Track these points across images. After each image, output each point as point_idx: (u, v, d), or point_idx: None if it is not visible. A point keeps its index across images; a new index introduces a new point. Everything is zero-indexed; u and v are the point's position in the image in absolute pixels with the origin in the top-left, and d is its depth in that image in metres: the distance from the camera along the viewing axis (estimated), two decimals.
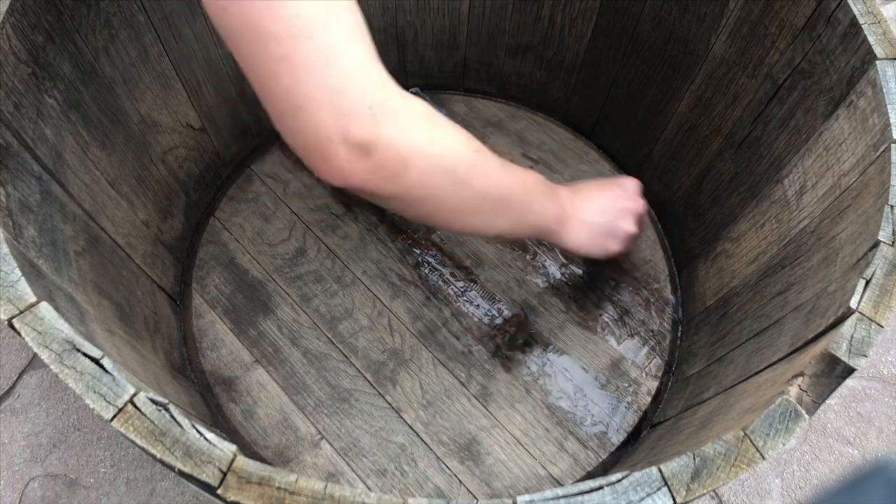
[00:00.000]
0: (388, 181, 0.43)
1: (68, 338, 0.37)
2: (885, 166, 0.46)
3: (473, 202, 0.49)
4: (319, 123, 0.40)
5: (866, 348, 0.39)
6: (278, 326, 0.72)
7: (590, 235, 0.62)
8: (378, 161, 0.42)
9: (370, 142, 0.41)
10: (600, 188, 0.64)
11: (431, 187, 0.46)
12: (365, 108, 0.40)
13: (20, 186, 0.46)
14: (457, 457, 0.66)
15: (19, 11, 0.47)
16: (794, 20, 0.57)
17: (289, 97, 0.40)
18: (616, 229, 0.64)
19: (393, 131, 0.42)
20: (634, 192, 0.67)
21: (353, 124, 0.40)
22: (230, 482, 0.33)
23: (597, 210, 0.62)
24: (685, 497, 0.35)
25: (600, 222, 0.62)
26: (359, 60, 0.41)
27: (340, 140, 0.40)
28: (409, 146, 0.43)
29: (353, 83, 0.40)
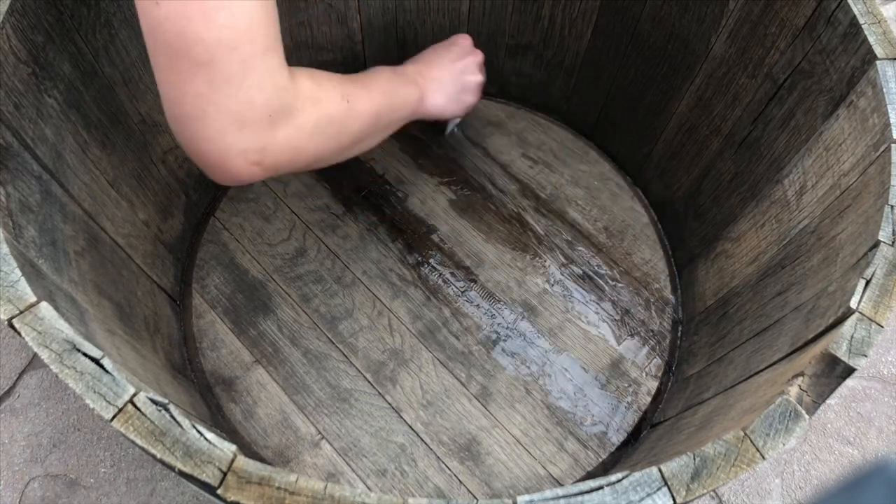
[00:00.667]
0: (280, 170, 0.48)
1: (68, 338, 0.37)
2: (885, 166, 0.46)
3: (353, 139, 0.55)
4: (219, 134, 0.43)
5: (866, 348, 0.39)
6: (278, 326, 0.72)
7: (447, 98, 0.69)
8: (270, 162, 0.46)
9: (264, 148, 0.45)
10: (438, 54, 0.71)
11: (320, 152, 0.51)
12: (265, 117, 0.44)
13: (20, 186, 0.46)
14: (457, 457, 0.66)
15: (19, 11, 0.47)
16: (794, 20, 0.57)
17: (196, 103, 0.42)
18: (467, 83, 0.71)
19: (285, 132, 0.46)
20: (468, 45, 0.73)
21: (252, 135, 0.43)
22: (230, 482, 0.33)
23: (445, 75, 0.69)
24: (685, 497, 0.35)
25: (453, 84, 0.69)
26: (271, 72, 0.43)
27: (238, 151, 0.44)
28: (299, 138, 0.47)
29: (262, 94, 0.43)
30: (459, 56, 0.71)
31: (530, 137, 0.87)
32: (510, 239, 0.79)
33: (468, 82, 0.71)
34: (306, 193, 0.81)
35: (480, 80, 0.72)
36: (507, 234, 0.80)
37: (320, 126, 0.49)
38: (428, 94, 0.66)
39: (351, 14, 0.78)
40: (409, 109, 0.64)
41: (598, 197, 0.83)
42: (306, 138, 0.48)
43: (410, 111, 0.64)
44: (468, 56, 0.72)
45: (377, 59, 0.85)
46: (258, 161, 0.45)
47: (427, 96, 0.66)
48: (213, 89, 0.41)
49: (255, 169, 0.45)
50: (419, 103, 0.65)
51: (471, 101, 0.73)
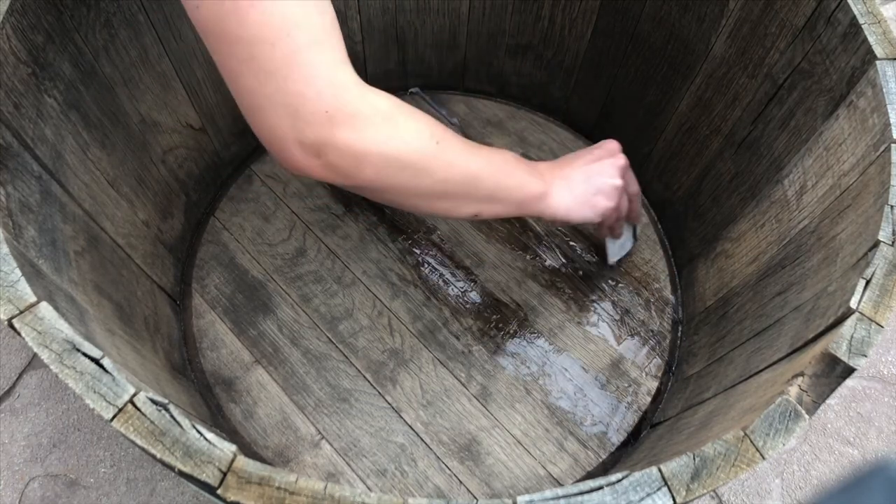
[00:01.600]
0: (344, 177, 0.47)
1: (68, 338, 0.37)
2: (885, 166, 0.46)
3: (437, 189, 0.51)
4: (276, 124, 0.43)
5: (866, 348, 0.39)
6: (278, 326, 0.72)
7: (575, 198, 0.61)
8: (331, 161, 0.45)
9: (323, 144, 0.44)
10: (578, 154, 0.65)
11: (389, 180, 0.49)
12: (321, 113, 0.43)
13: (20, 186, 0.46)
14: (457, 457, 0.66)
15: (19, 11, 0.47)
16: (794, 20, 0.57)
17: (251, 97, 0.43)
18: (600, 185, 0.63)
19: (347, 134, 0.44)
20: (615, 148, 0.67)
21: (308, 128, 0.43)
22: (230, 482, 0.33)
23: (578, 174, 0.62)
24: (685, 497, 0.35)
25: (584, 184, 0.62)
26: (320, 66, 0.43)
27: (294, 142, 0.44)
28: (364, 148, 0.45)
29: (311, 89, 0.43)
30: (598, 158, 0.64)
31: (530, 137, 0.87)
32: (510, 239, 0.79)
33: (603, 184, 0.62)
34: (306, 193, 0.81)
35: (618, 184, 0.64)
36: (507, 234, 0.80)
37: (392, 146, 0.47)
38: (552, 192, 0.59)
39: (351, 14, 0.78)
40: (522, 197, 0.57)
41: None
42: (373, 151, 0.46)
43: (523, 199, 0.58)
44: (608, 158, 0.64)
45: (377, 59, 0.85)
46: (317, 155, 0.45)
47: (551, 193, 0.59)
48: (260, 84, 0.42)
49: (316, 163, 0.45)
50: (539, 198, 0.59)
51: (605, 206, 0.63)
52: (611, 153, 0.65)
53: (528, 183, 0.58)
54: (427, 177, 0.50)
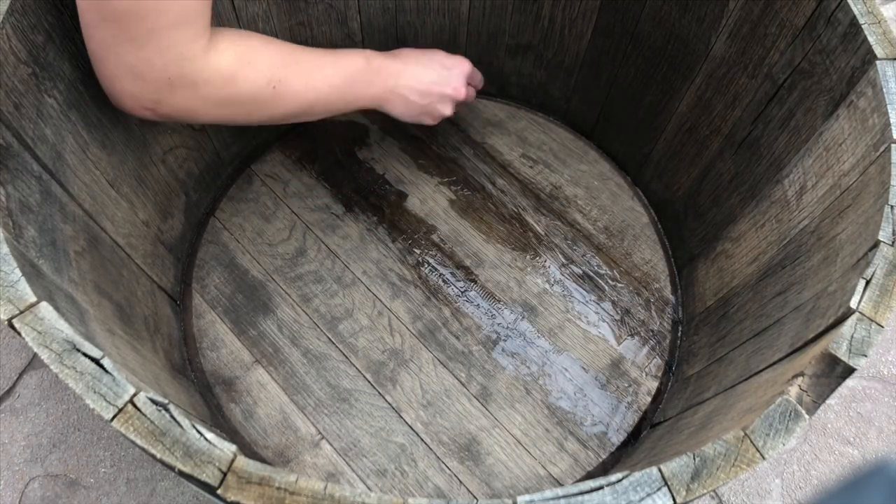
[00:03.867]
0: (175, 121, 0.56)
1: (68, 338, 0.37)
2: (885, 166, 0.46)
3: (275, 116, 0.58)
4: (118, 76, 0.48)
5: (866, 348, 0.39)
6: (278, 326, 0.72)
7: (408, 111, 0.69)
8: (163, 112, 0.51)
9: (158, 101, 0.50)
10: (428, 63, 0.69)
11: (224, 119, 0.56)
12: (163, 79, 0.48)
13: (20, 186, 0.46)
14: (457, 457, 0.66)
15: (19, 11, 0.47)
16: (794, 20, 0.57)
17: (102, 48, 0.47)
18: (433, 110, 0.70)
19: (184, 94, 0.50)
20: (460, 76, 0.71)
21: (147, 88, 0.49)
22: (230, 482, 0.33)
23: (419, 89, 0.68)
24: (685, 497, 0.35)
25: (420, 102, 0.68)
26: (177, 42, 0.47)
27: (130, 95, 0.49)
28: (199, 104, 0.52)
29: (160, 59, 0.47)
30: (444, 82, 0.69)
31: (530, 137, 0.87)
32: (510, 239, 0.79)
33: (435, 110, 0.70)
34: (306, 193, 0.81)
35: (447, 115, 0.72)
36: (507, 234, 0.80)
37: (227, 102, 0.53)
38: (391, 99, 0.67)
39: (351, 14, 0.78)
40: (363, 104, 0.65)
41: (598, 197, 0.83)
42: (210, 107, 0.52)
43: (364, 105, 0.66)
44: (450, 89, 0.70)
45: None
46: (150, 108, 0.50)
47: (389, 100, 0.67)
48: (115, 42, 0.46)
49: (147, 112, 0.51)
50: (379, 102, 0.66)
51: (428, 123, 0.72)
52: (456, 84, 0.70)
53: (368, 92, 0.65)
54: (260, 113, 0.57)
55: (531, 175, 0.84)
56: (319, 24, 0.77)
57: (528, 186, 0.83)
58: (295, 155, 0.84)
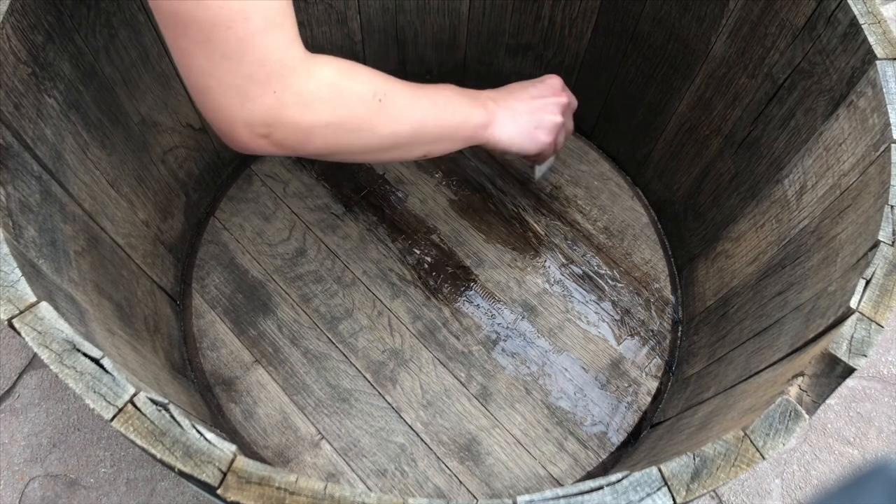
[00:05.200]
0: (293, 151, 0.49)
1: (68, 338, 0.37)
2: (885, 166, 0.46)
3: (385, 143, 0.54)
4: (225, 105, 0.45)
5: (866, 348, 0.39)
6: (278, 326, 0.72)
7: (518, 130, 0.64)
8: (279, 139, 0.47)
9: (270, 124, 0.46)
10: (523, 86, 0.67)
11: (338, 145, 0.51)
12: (270, 93, 0.45)
13: (20, 186, 0.46)
14: (457, 457, 0.66)
15: (19, 11, 0.47)
16: (794, 20, 0.57)
17: (202, 77, 0.44)
18: (543, 121, 0.65)
19: (294, 113, 0.47)
20: (558, 85, 0.68)
21: (257, 109, 0.45)
22: (230, 482, 0.33)
23: (522, 106, 0.64)
24: (685, 497, 0.35)
25: (527, 117, 0.64)
26: (273, 48, 0.44)
27: (242, 122, 0.45)
28: (311, 123, 0.48)
29: (262, 71, 0.44)
30: (543, 93, 0.66)
31: None
32: (510, 239, 0.79)
33: (545, 120, 0.65)
34: (306, 193, 0.81)
35: (559, 122, 0.66)
36: (507, 233, 0.80)
37: (339, 116, 0.49)
38: (496, 121, 0.62)
39: (351, 14, 0.78)
40: (469, 130, 0.60)
41: (598, 197, 0.83)
42: (320, 125, 0.48)
43: (470, 133, 0.60)
44: (552, 95, 0.67)
45: (377, 59, 0.85)
46: (265, 135, 0.46)
47: (495, 123, 0.61)
48: (213, 65, 0.43)
49: (264, 142, 0.47)
50: (483, 128, 0.61)
51: (544, 141, 0.66)
52: (554, 91, 0.67)
53: (471, 116, 0.60)
54: (373, 135, 0.52)
55: (531, 175, 0.84)
56: (319, 25, 0.77)
57: (527, 186, 0.83)
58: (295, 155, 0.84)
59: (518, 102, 0.64)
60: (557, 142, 0.68)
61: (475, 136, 0.61)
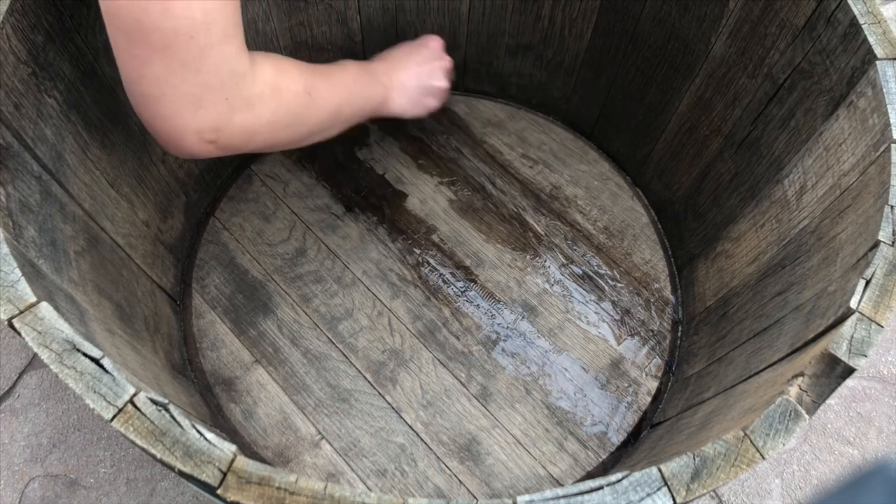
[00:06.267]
0: (234, 151, 0.51)
1: (68, 338, 0.37)
2: (885, 166, 0.46)
3: (312, 130, 0.58)
4: (177, 113, 0.46)
5: (866, 348, 0.39)
6: (278, 326, 0.72)
7: (410, 100, 0.71)
8: (224, 142, 0.49)
9: (220, 129, 0.48)
10: (408, 53, 0.72)
11: (275, 140, 0.54)
12: (222, 100, 0.47)
13: (20, 186, 0.46)
14: (457, 457, 0.66)
15: (19, 11, 0.47)
16: (794, 20, 0.57)
17: (156, 85, 0.45)
18: (431, 88, 0.72)
19: (242, 115, 0.49)
20: (439, 49, 0.74)
21: (208, 116, 0.47)
22: (230, 482, 0.33)
23: (411, 76, 0.70)
24: (685, 497, 0.35)
25: (416, 86, 0.71)
26: (228, 58, 0.46)
27: (192, 130, 0.47)
28: (256, 123, 0.50)
29: (216, 79, 0.46)
30: (427, 60, 0.72)
31: (530, 137, 0.87)
32: (510, 239, 0.79)
33: (432, 87, 0.72)
34: (306, 193, 0.81)
35: (445, 87, 0.74)
36: (507, 234, 0.80)
37: (278, 115, 0.52)
38: (391, 95, 0.68)
39: (351, 14, 0.78)
40: (371, 107, 0.66)
41: (598, 197, 0.83)
42: (263, 124, 0.51)
43: (372, 109, 0.66)
44: (436, 61, 0.73)
45: None
46: (213, 140, 0.48)
47: (390, 97, 0.68)
48: (170, 73, 0.44)
49: (209, 147, 0.49)
50: (382, 103, 0.67)
51: (433, 105, 0.74)
52: (438, 56, 0.73)
53: (373, 95, 0.66)
54: (303, 126, 0.57)
55: (531, 175, 0.84)
56: (319, 25, 0.77)
57: (528, 186, 0.83)
58: (295, 155, 0.84)
59: (407, 73, 0.70)
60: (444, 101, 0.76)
61: (375, 111, 0.67)
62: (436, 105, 0.74)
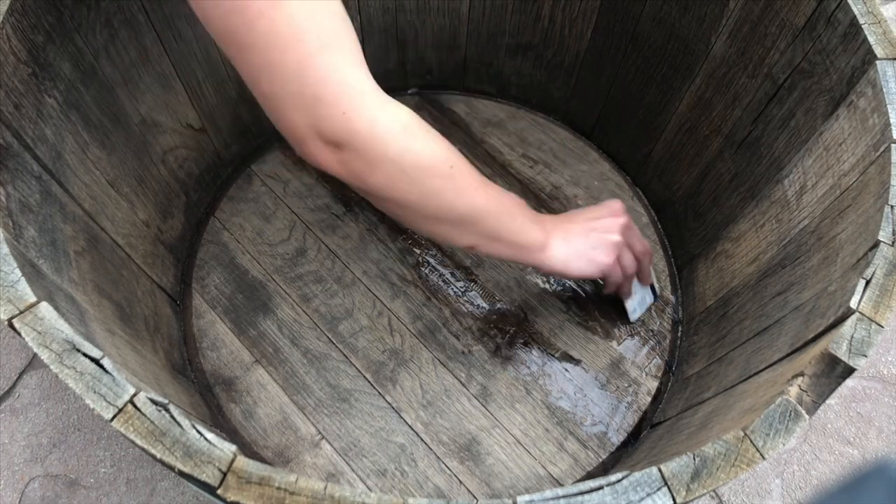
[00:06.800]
0: (355, 177, 0.48)
1: (68, 338, 0.37)
2: (885, 166, 0.46)
3: (442, 213, 0.52)
4: (297, 122, 0.45)
5: (866, 348, 0.39)
6: (278, 326, 0.72)
7: (573, 252, 0.61)
8: (347, 159, 0.46)
9: (341, 142, 0.45)
10: (582, 210, 0.65)
11: (397, 191, 0.49)
12: (338, 113, 0.44)
13: (20, 186, 0.46)
14: (457, 457, 0.66)
15: (19, 11, 0.47)
16: (794, 20, 0.57)
17: (270, 99, 0.45)
18: (599, 241, 0.63)
19: (365, 137, 0.45)
20: (617, 208, 0.66)
21: (326, 126, 0.45)
22: (230, 482, 0.33)
23: (577, 228, 0.62)
24: (685, 497, 0.35)
25: (582, 238, 0.62)
26: (333, 68, 0.44)
27: (314, 135, 0.45)
28: (380, 152, 0.46)
29: (327, 91, 0.44)
30: (600, 214, 0.64)
31: (530, 137, 0.87)
32: None
33: (601, 240, 0.62)
34: (306, 193, 0.81)
35: (617, 241, 0.63)
36: None
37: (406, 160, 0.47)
38: (551, 243, 0.59)
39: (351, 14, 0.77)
40: (520, 242, 0.57)
41: (598, 197, 0.83)
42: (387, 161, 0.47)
43: (521, 245, 0.58)
44: (610, 216, 0.64)
45: (377, 59, 0.85)
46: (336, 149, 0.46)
47: (550, 245, 0.59)
48: (278, 87, 0.44)
49: (332, 158, 0.46)
50: (538, 247, 0.59)
51: (603, 261, 0.62)
52: (612, 212, 0.64)
53: (530, 231, 0.58)
54: (434, 198, 0.51)
55: (531, 175, 0.84)
56: None
57: (528, 186, 0.83)
58: (295, 155, 0.84)
59: (574, 225, 0.62)
60: (625, 264, 0.65)
61: (529, 252, 0.59)
62: (607, 261, 0.62)
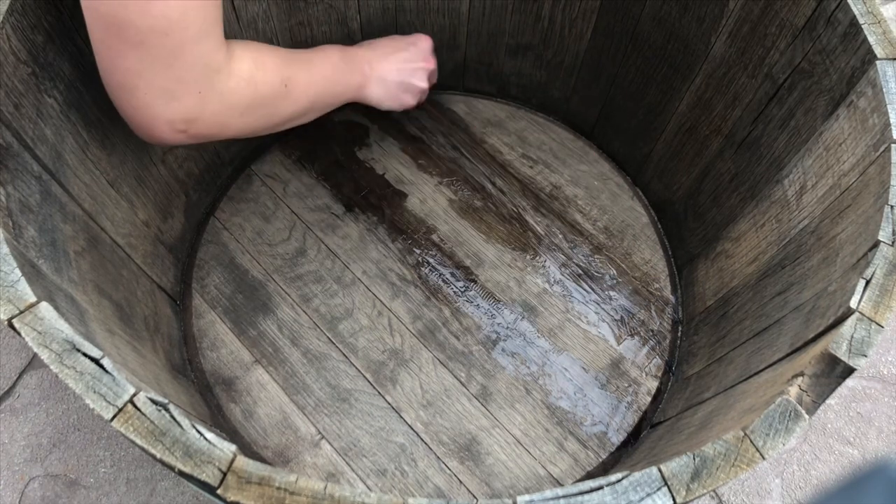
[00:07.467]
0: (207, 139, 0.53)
1: (68, 338, 0.37)
2: (885, 166, 0.46)
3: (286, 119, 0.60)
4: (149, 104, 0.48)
5: (866, 348, 0.39)
6: (278, 326, 0.72)
7: (387, 93, 0.72)
8: (196, 132, 0.51)
9: (192, 120, 0.49)
10: (395, 48, 0.73)
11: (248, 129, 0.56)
12: (195, 93, 0.48)
13: (20, 186, 0.46)
14: (457, 457, 0.66)
15: (19, 11, 0.47)
16: (794, 20, 0.57)
17: (129, 76, 0.47)
18: (410, 86, 0.74)
19: (216, 108, 0.50)
20: (427, 50, 0.75)
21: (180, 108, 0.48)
22: (230, 482, 0.33)
23: (393, 69, 0.72)
24: (685, 497, 0.35)
25: (396, 80, 0.72)
26: (202, 54, 0.47)
27: (164, 120, 0.49)
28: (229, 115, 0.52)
29: (190, 74, 0.47)
30: (412, 58, 0.73)
31: (530, 137, 0.87)
32: (510, 239, 0.79)
33: (412, 86, 0.74)
34: (306, 193, 0.81)
35: (424, 88, 0.75)
36: (507, 234, 0.80)
37: (252, 106, 0.54)
38: (369, 85, 0.70)
39: (351, 14, 0.78)
40: (348, 95, 0.69)
41: (598, 197, 0.83)
42: (236, 116, 0.52)
43: (349, 97, 0.69)
44: (421, 61, 0.74)
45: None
46: (184, 129, 0.50)
47: (368, 86, 0.70)
48: (143, 67, 0.45)
49: (181, 135, 0.51)
50: (359, 90, 0.70)
51: (409, 103, 0.75)
52: (424, 56, 0.74)
53: (351, 82, 0.68)
54: (277, 115, 0.58)
55: (531, 175, 0.84)
56: (319, 24, 0.77)
57: (528, 186, 0.83)
58: (295, 155, 0.84)
59: (390, 66, 0.72)
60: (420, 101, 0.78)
61: (352, 98, 0.69)
62: (412, 103, 0.76)
